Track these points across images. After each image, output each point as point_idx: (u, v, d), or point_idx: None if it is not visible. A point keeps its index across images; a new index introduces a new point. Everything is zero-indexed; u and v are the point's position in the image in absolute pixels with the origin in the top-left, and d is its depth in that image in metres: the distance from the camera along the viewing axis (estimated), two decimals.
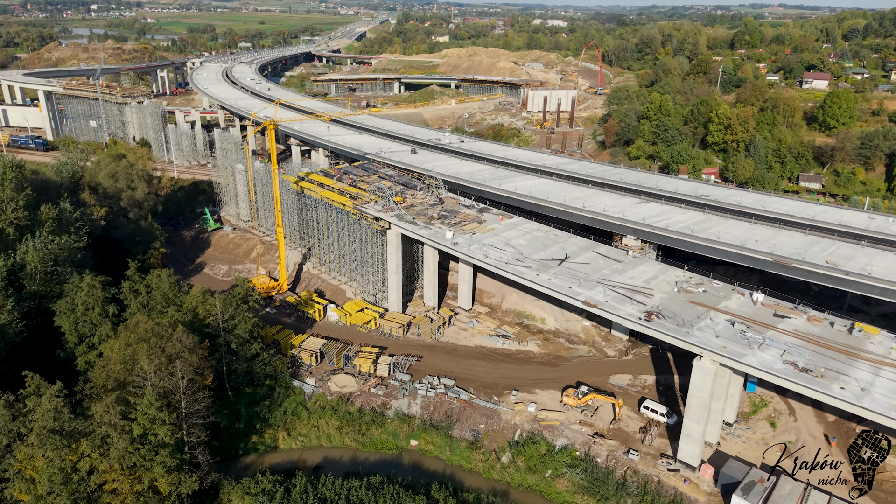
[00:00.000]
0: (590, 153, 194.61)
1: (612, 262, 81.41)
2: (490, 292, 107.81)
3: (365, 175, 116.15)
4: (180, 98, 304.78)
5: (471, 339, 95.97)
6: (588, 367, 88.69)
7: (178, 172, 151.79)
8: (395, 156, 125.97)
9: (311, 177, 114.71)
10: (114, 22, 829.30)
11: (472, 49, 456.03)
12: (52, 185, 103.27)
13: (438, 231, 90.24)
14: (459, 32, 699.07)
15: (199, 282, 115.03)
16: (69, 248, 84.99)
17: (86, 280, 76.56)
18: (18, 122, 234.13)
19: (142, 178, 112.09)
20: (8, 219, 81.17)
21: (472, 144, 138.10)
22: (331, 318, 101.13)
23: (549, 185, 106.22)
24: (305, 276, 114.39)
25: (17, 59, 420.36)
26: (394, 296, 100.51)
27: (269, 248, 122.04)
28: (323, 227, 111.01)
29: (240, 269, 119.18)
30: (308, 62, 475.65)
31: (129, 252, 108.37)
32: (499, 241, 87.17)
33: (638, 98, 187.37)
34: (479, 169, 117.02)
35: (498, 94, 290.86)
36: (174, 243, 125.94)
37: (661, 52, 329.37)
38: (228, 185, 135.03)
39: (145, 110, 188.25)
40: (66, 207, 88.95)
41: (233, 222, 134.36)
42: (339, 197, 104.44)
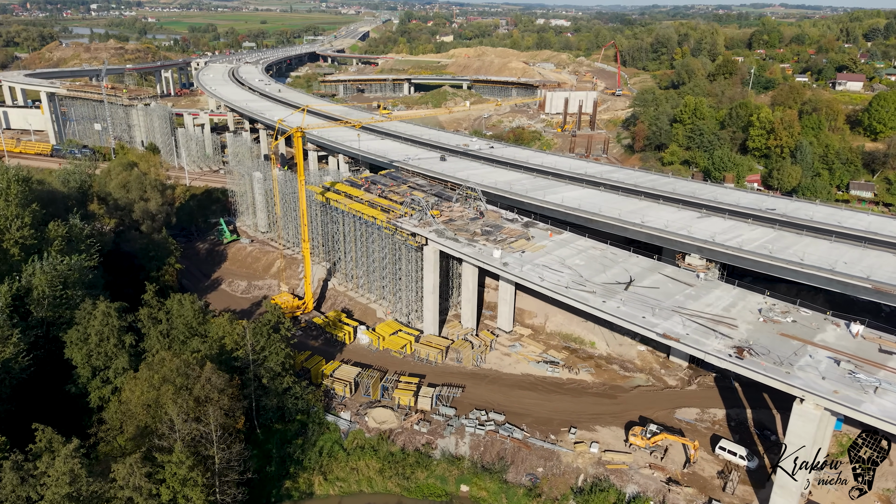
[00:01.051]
0: (617, 158, 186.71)
1: (683, 286, 73.51)
2: (531, 312, 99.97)
3: (394, 185, 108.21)
4: (185, 99, 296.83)
5: (516, 365, 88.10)
6: (649, 399, 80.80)
7: (190, 179, 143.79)
8: (423, 163, 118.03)
9: (336, 187, 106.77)
10: (114, 21, 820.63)
11: (481, 49, 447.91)
12: (59, 197, 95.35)
13: (484, 249, 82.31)
14: (464, 32, 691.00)
15: (216, 300, 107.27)
16: (80, 269, 77.07)
17: (100, 307, 68.63)
18: (20, 125, 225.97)
19: (155, 189, 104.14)
20: (13, 238, 73.24)
21: (503, 150, 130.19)
22: (361, 342, 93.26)
23: (596, 197, 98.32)
24: (331, 294, 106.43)
25: (18, 58, 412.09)
26: (430, 317, 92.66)
27: (291, 263, 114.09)
28: (350, 241, 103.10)
29: (260, 285, 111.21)
30: (312, 62, 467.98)
31: (142, 268, 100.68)
32: (552, 261, 79.23)
33: (668, 100, 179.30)
34: (517, 178, 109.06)
35: (513, 96, 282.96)
36: (188, 256, 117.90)
37: (677, 52, 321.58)
38: (245, 194, 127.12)
39: (152, 113, 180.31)
40: (75, 223, 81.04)
41: (250, 233, 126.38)
42: (369, 210, 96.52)
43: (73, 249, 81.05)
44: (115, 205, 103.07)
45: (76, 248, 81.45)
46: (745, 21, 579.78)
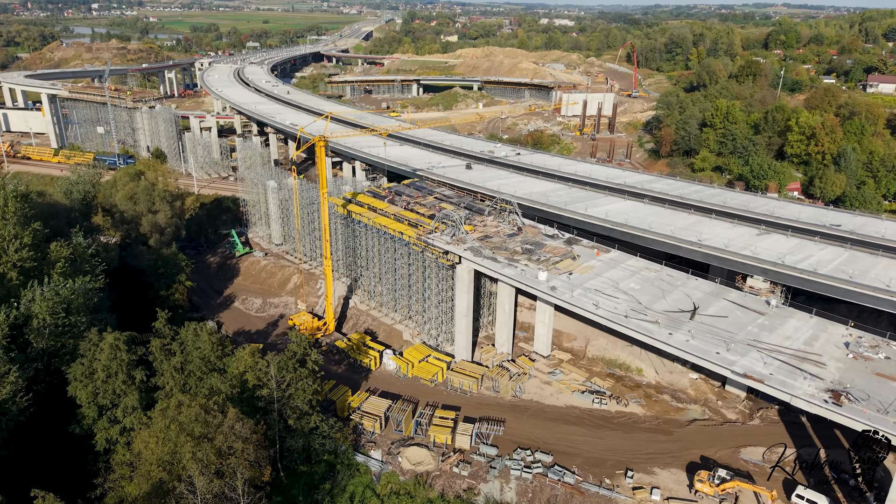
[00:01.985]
0: (641, 163, 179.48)
1: (754, 315, 66.29)
2: (570, 334, 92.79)
3: (419, 196, 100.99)
4: (189, 100, 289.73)
5: (558, 396, 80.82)
6: (709, 436, 73.49)
7: (199, 187, 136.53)
8: (448, 172, 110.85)
9: (359, 198, 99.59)
10: (116, 21, 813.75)
11: (488, 49, 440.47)
12: (62, 210, 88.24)
13: (527, 271, 75.07)
14: (469, 32, 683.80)
15: (229, 319, 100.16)
16: (84, 293, 69.87)
17: (107, 340, 61.51)
18: (20, 127, 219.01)
19: (164, 200, 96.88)
20: (10, 261, 66.11)
21: (531, 157, 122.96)
22: (388, 367, 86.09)
23: (641, 210, 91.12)
24: (352, 313, 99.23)
25: (19, 58, 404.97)
26: (462, 342, 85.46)
27: (308, 278, 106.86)
28: (374, 256, 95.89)
29: (275, 302, 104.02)
30: (317, 62, 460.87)
31: (151, 286, 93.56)
32: (604, 285, 72.01)
33: (694, 103, 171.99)
34: (552, 189, 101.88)
35: (526, 97, 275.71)
36: (198, 271, 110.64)
37: (693, 52, 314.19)
38: (258, 204, 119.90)
39: (157, 116, 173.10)
40: (79, 242, 73.86)
41: (263, 246, 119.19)
42: (396, 225, 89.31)
43: (76, 270, 73.89)
44: (121, 217, 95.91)
45: (80, 269, 74.29)
46: (758, 22, 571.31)
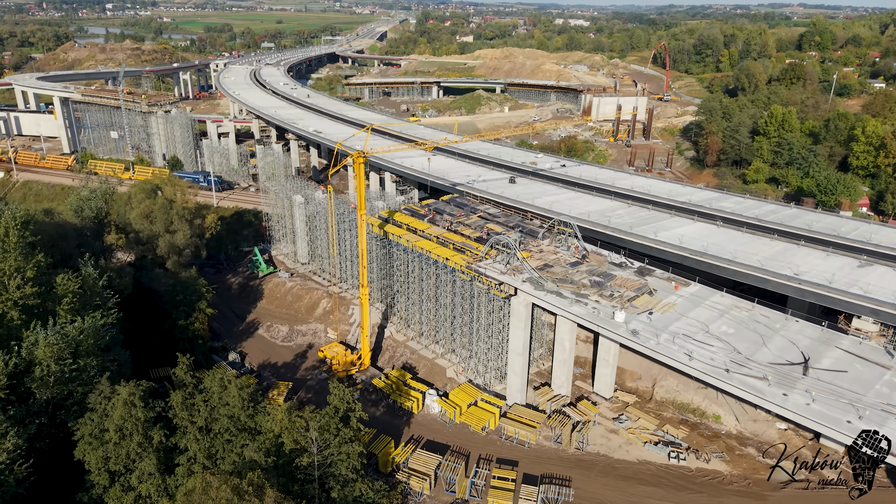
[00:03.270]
0: (683, 173, 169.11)
1: (879, 370, 56.23)
2: (634, 372, 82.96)
3: (462, 214, 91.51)
4: (204, 103, 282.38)
5: (627, 448, 71.04)
6: (809, 503, 63.50)
7: (217, 198, 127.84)
8: (490, 186, 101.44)
9: (396, 217, 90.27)
10: (130, 21, 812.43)
11: (508, 50, 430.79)
12: (71, 231, 79.65)
13: (599, 308, 65.35)
14: (484, 32, 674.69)
15: (253, 349, 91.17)
16: (94, 332, 60.98)
17: (121, 395, 52.62)
18: (31, 131, 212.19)
19: (183, 219, 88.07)
20: (11, 298, 57.33)
21: (578, 170, 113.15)
22: (432, 410, 76.72)
23: (716, 235, 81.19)
24: (388, 344, 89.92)
25: (33, 59, 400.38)
26: (516, 383, 75.94)
27: (339, 302, 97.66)
28: (414, 283, 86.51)
29: (303, 330, 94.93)
30: (332, 63, 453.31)
31: (168, 314, 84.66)
32: (692, 328, 62.19)
33: (741, 109, 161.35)
34: (609, 207, 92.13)
35: (551, 100, 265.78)
36: (218, 292, 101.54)
37: (724, 53, 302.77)
38: (282, 218, 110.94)
39: (173, 121, 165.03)
40: (89, 273, 65.03)
41: (288, 265, 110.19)
42: (441, 250, 79.90)
43: (86, 305, 65.08)
44: (136, 238, 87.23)
45: (90, 303, 65.49)
46: (780, 21, 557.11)
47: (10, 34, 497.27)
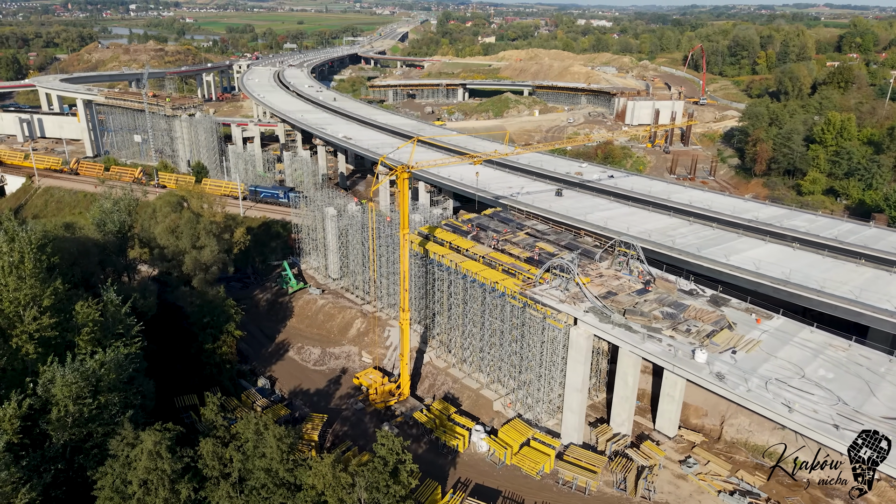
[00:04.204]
0: (728, 182, 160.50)
1: None
2: (699, 408, 75.45)
3: (508, 231, 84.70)
4: (228, 105, 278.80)
5: (699, 497, 63.71)
6: None
7: (244, 208, 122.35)
8: (535, 199, 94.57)
9: (437, 234, 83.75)
10: (153, 22, 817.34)
11: (532, 51, 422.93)
12: (93, 248, 74.22)
13: (676, 346, 58.14)
14: (506, 33, 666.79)
15: (283, 373, 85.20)
16: (116, 365, 55.20)
17: (146, 443, 46.75)
18: (54, 133, 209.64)
19: (210, 234, 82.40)
20: (26, 331, 51.71)
21: (628, 181, 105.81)
22: (479, 449, 70.06)
23: (795, 259, 73.48)
24: (428, 371, 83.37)
25: (57, 59, 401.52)
26: (574, 422, 68.92)
27: (373, 323, 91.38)
28: (457, 305, 79.85)
29: (336, 353, 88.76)
30: (354, 64, 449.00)
31: (194, 336, 78.98)
32: (785, 371, 54.79)
33: (792, 115, 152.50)
34: (670, 225, 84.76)
35: (582, 103, 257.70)
36: (245, 309, 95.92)
37: (761, 55, 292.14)
38: (313, 230, 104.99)
39: (198, 125, 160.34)
40: (111, 300, 59.36)
41: (318, 280, 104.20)
42: (490, 273, 73.22)
43: (108, 333, 59.38)
44: (160, 254, 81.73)
45: (112, 331, 59.74)
46: (815, 23, 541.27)
47: (35, 35, 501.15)
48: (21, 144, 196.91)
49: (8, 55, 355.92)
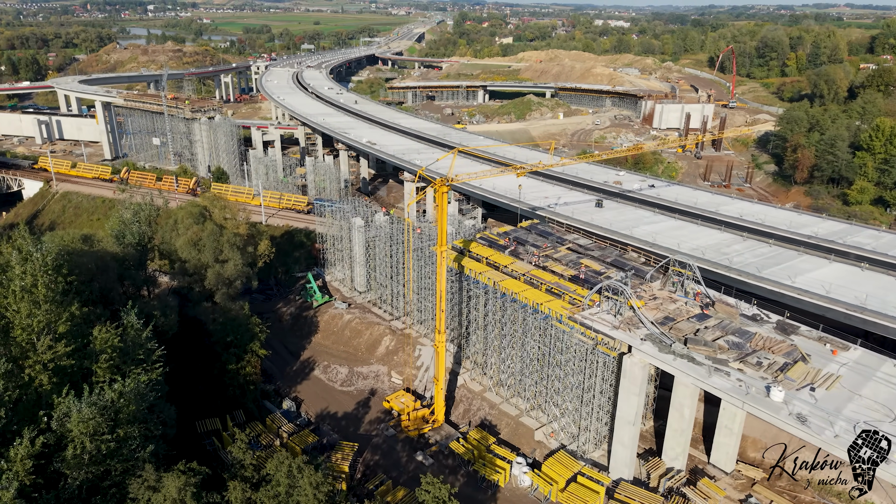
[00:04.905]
0: (766, 190, 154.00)
1: None
2: (757, 440, 69.84)
3: (548, 246, 79.52)
4: (246, 106, 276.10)
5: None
6: None
7: (266, 216, 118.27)
8: (576, 211, 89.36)
9: (472, 248, 78.82)
10: (170, 22, 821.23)
11: (552, 52, 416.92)
12: (111, 262, 70.16)
13: (746, 381, 52.68)
14: (524, 34, 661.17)
15: (309, 394, 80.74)
16: (136, 396, 50.84)
17: (169, 488, 42.34)
18: (72, 135, 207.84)
19: (233, 247, 78.08)
20: (40, 360, 47.49)
21: (669, 191, 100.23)
22: (521, 483, 65.03)
23: (868, 282, 67.69)
24: (462, 395, 78.42)
25: (76, 60, 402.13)
26: (624, 456, 63.62)
27: (403, 340, 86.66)
28: (495, 325, 74.81)
29: (364, 372, 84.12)
30: (371, 65, 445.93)
31: (217, 355, 74.64)
32: (872, 411, 49.23)
33: (833, 120, 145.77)
34: (723, 241, 79.20)
35: (606, 106, 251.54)
36: (268, 322, 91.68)
37: (790, 57, 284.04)
38: (338, 240, 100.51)
39: (217, 128, 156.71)
40: (131, 323, 55.07)
41: (344, 293, 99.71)
42: (532, 293, 68.24)
43: (127, 359, 55.05)
44: (181, 268, 77.56)
45: (132, 357, 55.42)
46: (839, 23, 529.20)
47: (55, 35, 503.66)
48: (40, 146, 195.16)
49: (28, 56, 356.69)
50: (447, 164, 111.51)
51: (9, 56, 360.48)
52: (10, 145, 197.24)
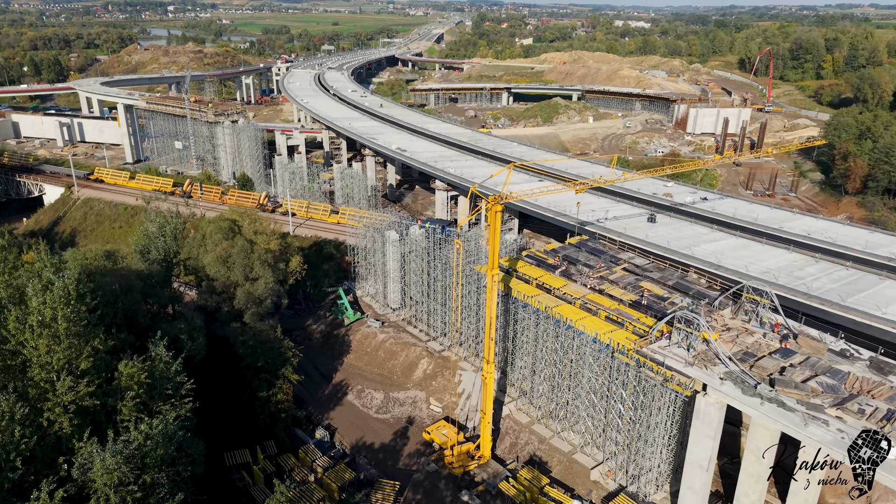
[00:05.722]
0: (813, 200, 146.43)
1: None
2: (837, 486, 63.26)
3: (602, 266, 73.61)
4: (267, 108, 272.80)
5: None
6: None
7: (293, 226, 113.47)
8: (628, 226, 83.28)
9: (519, 267, 73.09)
10: (190, 23, 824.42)
11: (576, 54, 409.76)
12: (135, 281, 65.42)
13: (848, 432, 46.40)
14: (544, 34, 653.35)
15: (343, 421, 75.53)
16: (165, 438, 45.85)
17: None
18: (94, 137, 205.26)
19: (264, 264, 73.12)
20: (61, 402, 42.62)
21: (726, 205, 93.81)
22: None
23: None
24: (508, 426, 72.71)
25: (98, 61, 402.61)
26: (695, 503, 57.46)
27: (441, 364, 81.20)
28: (545, 353, 68.99)
29: (401, 398, 78.71)
30: (391, 66, 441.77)
31: (246, 381, 69.69)
32: None
33: (885, 126, 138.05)
34: (792, 262, 72.75)
35: (636, 109, 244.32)
36: (297, 340, 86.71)
37: (827, 59, 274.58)
38: (370, 253, 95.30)
39: (241, 132, 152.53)
40: (160, 356, 50.06)
41: (376, 309, 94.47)
42: (590, 321, 62.40)
43: (154, 394, 50.11)
44: (209, 287, 72.71)
45: (160, 391, 50.47)
46: (868, 24, 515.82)
47: (77, 36, 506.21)
48: (61, 149, 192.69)
49: (50, 56, 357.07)
50: (486, 176, 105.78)
51: (31, 57, 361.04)
52: (32, 147, 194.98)
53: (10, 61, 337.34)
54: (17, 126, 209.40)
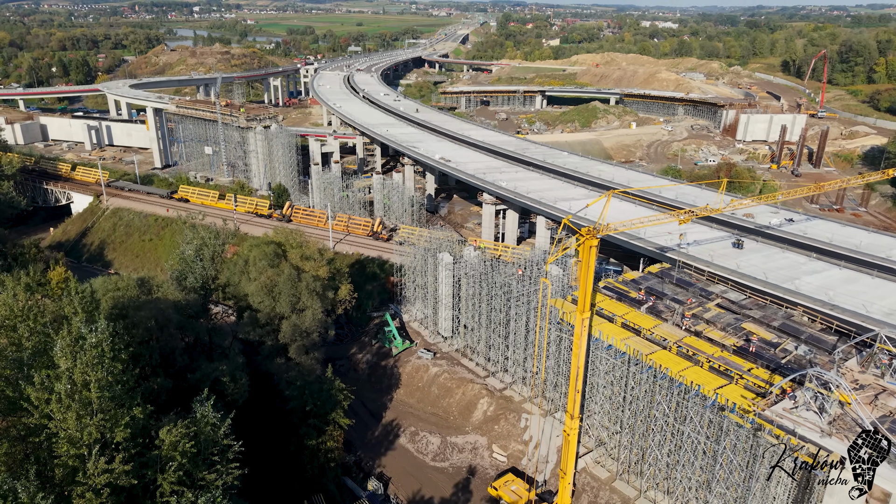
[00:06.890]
0: (885, 216, 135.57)
1: None
2: None
3: (692, 301, 64.85)
4: (295, 111, 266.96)
5: None
6: None
7: (333, 242, 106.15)
8: (713, 253, 74.30)
9: (598, 301, 64.59)
10: (216, 24, 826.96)
11: (609, 55, 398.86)
12: (171, 314, 58.23)
13: None
14: (571, 35, 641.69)
15: (397, 470, 67.66)
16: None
17: None
18: (122, 141, 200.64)
19: (312, 293, 65.60)
20: (92, 484, 35.20)
21: (813, 226, 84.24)
22: None
23: None
24: (585, 482, 64.24)
25: (125, 62, 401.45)
26: None
27: (504, 405, 73.00)
28: (633, 403, 60.48)
29: (459, 444, 70.67)
30: (418, 67, 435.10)
31: (293, 427, 62.24)
32: None
33: None
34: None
35: (679, 114, 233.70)
36: (342, 373, 79.33)
37: (879, 62, 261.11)
38: (418, 273, 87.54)
39: (274, 138, 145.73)
40: (206, 416, 42.57)
41: (425, 336, 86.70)
42: (693, 373, 53.71)
43: (199, 459, 42.65)
44: (252, 318, 65.37)
45: (204, 456, 43.03)
46: None
47: (104, 37, 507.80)
48: (89, 153, 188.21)
49: (78, 57, 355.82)
50: (541, 189, 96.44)
51: (60, 57, 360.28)
52: (60, 150, 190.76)
53: (39, 62, 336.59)
54: (46, 129, 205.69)
